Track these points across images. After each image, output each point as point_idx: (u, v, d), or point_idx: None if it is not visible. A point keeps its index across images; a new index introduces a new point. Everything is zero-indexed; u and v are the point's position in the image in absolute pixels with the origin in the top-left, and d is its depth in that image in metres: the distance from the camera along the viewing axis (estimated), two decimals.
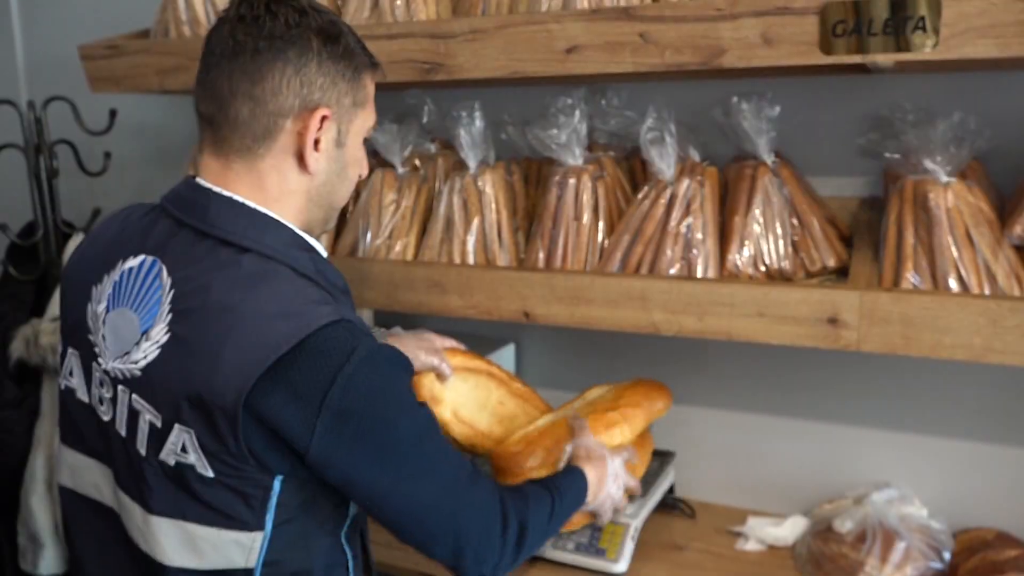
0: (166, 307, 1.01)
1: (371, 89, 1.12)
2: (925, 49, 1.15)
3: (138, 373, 1.02)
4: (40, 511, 1.97)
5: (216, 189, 1.06)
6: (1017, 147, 1.44)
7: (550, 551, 1.56)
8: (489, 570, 1.09)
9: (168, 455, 1.01)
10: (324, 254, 1.12)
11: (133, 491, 1.06)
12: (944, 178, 1.30)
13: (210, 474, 0.99)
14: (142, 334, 1.02)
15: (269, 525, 1.01)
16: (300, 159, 1.06)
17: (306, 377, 0.95)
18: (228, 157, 1.06)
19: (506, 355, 1.91)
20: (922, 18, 1.14)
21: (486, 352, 1.84)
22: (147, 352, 1.01)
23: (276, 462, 0.99)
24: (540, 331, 1.92)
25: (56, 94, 2.09)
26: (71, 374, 1.13)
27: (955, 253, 1.26)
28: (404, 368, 1.06)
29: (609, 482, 1.33)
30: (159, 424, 1.01)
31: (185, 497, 1.01)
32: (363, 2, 1.59)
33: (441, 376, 1.42)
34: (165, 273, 1.03)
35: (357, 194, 1.70)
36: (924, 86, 1.50)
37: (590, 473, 1.30)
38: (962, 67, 1.42)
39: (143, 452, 1.03)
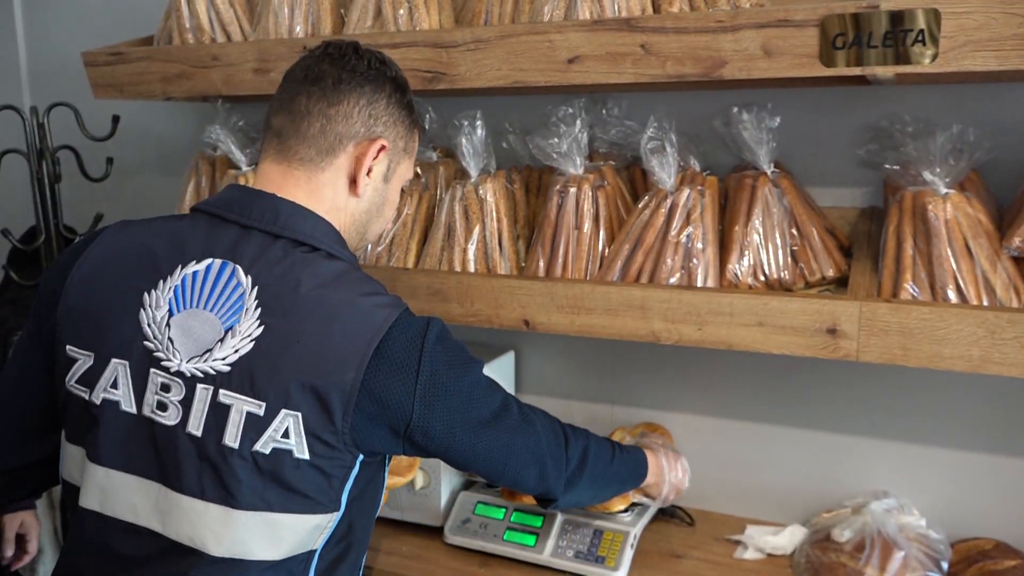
0: (252, 303, 1.07)
1: (416, 146, 1.28)
2: (924, 61, 1.16)
3: (225, 368, 1.06)
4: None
5: (280, 196, 1.15)
6: (1015, 159, 1.45)
7: (549, 558, 1.56)
8: (561, 486, 1.26)
9: (267, 443, 1.05)
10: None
11: (210, 492, 1.06)
12: (943, 189, 1.31)
13: (306, 456, 1.05)
14: (226, 331, 1.07)
15: (343, 503, 1.10)
16: (353, 181, 1.18)
17: (401, 352, 1.07)
18: (290, 165, 1.16)
19: (506, 363, 1.91)
20: (922, 31, 1.15)
21: (486, 360, 1.84)
22: (238, 347, 1.06)
23: (371, 438, 1.08)
24: (540, 339, 1.93)
25: (59, 100, 2.10)
26: (114, 386, 1.10)
27: (954, 264, 1.27)
28: (459, 344, 1.18)
29: (675, 468, 1.50)
30: (261, 412, 1.05)
31: (274, 486, 1.06)
32: (366, 11, 1.60)
33: None
34: (242, 273, 1.09)
35: None
36: (923, 98, 1.51)
37: (652, 460, 1.46)
38: (961, 79, 1.43)
39: (234, 445, 1.05)
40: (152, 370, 1.08)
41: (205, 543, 1.06)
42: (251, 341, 1.06)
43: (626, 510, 1.58)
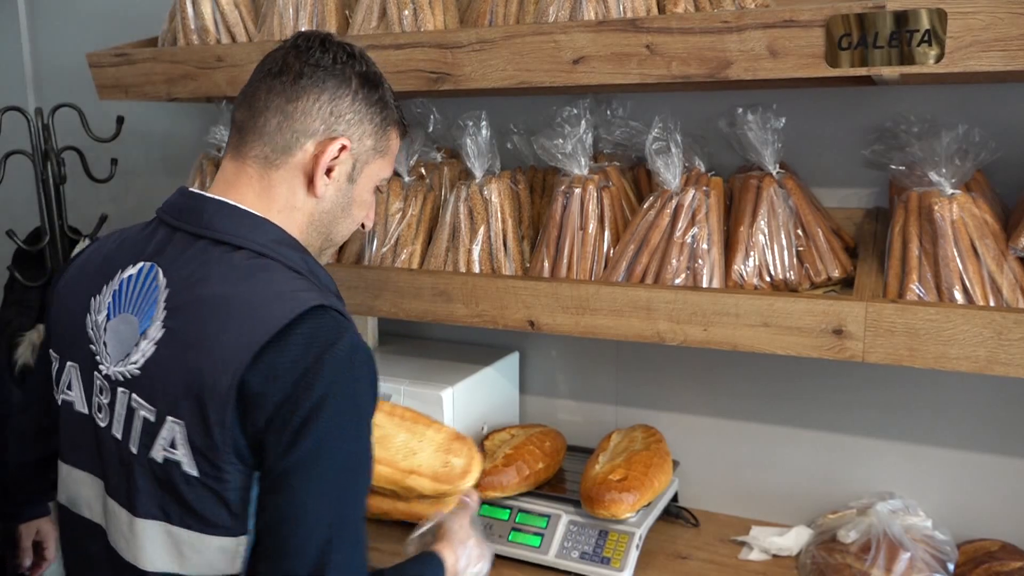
0: (161, 305, 1.05)
1: (394, 144, 1.20)
2: (930, 62, 1.16)
3: (137, 372, 1.05)
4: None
5: (209, 195, 1.11)
6: (1021, 159, 1.45)
7: (554, 559, 1.56)
8: None
9: (158, 451, 1.03)
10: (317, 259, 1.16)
11: (121, 496, 1.07)
12: (949, 190, 1.31)
13: (195, 473, 1.01)
14: (140, 335, 1.06)
15: (252, 528, 1.01)
16: (311, 180, 1.11)
17: (288, 360, 0.97)
18: (245, 161, 1.11)
19: (510, 363, 1.91)
20: (927, 31, 1.15)
21: (490, 360, 1.84)
22: (145, 351, 1.05)
23: (257, 452, 1.00)
24: (544, 340, 1.93)
25: (64, 101, 2.10)
26: (69, 387, 1.14)
27: (960, 265, 1.27)
28: (373, 375, 1.05)
29: (468, 557, 1.26)
30: (152, 419, 1.03)
31: (170, 499, 1.03)
32: (371, 12, 1.60)
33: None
34: (161, 275, 1.07)
35: None
36: (929, 98, 1.51)
37: (449, 556, 1.22)
38: (967, 79, 1.43)
39: (135, 450, 1.05)
40: (94, 373, 1.11)
41: (120, 548, 1.08)
42: (154, 344, 1.04)
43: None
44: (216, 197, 1.10)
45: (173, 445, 1.01)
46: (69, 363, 1.14)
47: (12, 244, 2.11)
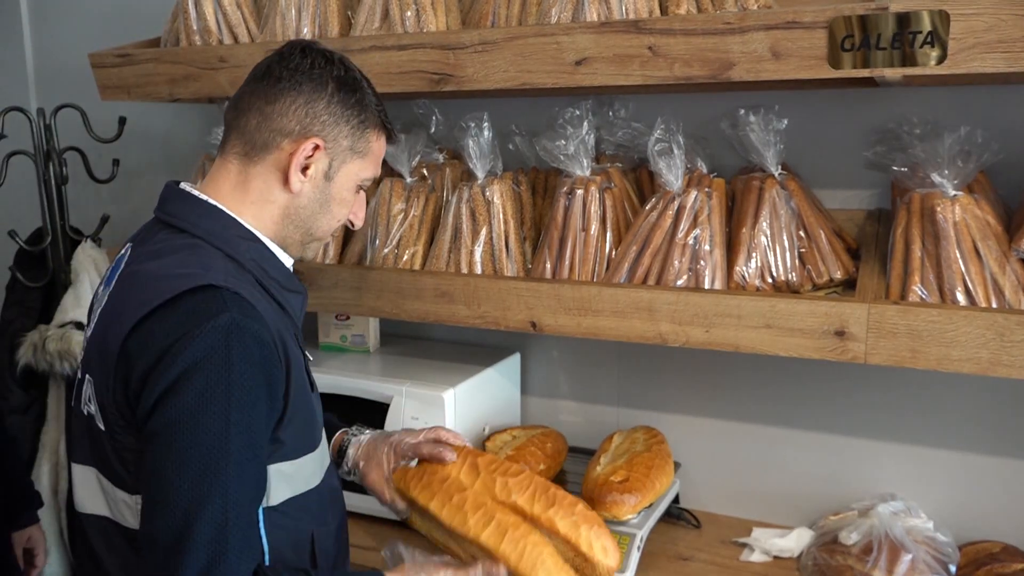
0: (115, 281, 1.15)
1: (375, 145, 1.24)
2: (932, 63, 1.16)
3: (91, 333, 1.16)
4: (45, 517, 1.98)
5: (180, 186, 1.19)
6: (1023, 161, 1.45)
7: None
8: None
9: (84, 405, 1.14)
10: (279, 257, 1.20)
11: (73, 451, 1.19)
12: (951, 191, 1.31)
13: (103, 427, 1.09)
14: (103, 302, 1.16)
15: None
16: (286, 177, 1.17)
17: (163, 329, 1.03)
18: (227, 157, 1.19)
19: (512, 365, 1.91)
20: (930, 33, 1.15)
21: (492, 362, 1.84)
22: (96, 316, 1.16)
23: (136, 414, 1.05)
24: (546, 341, 1.93)
25: (66, 102, 2.10)
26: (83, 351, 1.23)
27: (962, 266, 1.27)
28: (255, 358, 1.03)
29: None
30: (81, 376, 1.16)
31: (95, 450, 1.13)
32: (373, 13, 1.60)
33: (443, 461, 1.34)
34: (128, 255, 1.18)
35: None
36: (931, 100, 1.51)
37: None
38: (969, 81, 1.43)
39: (73, 403, 1.18)
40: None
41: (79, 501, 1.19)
42: (98, 314, 1.15)
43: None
44: (184, 187, 1.19)
45: (89, 400, 1.12)
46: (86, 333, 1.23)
47: (14, 244, 2.11)
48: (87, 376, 1.13)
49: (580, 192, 1.51)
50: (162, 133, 2.31)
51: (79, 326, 2.05)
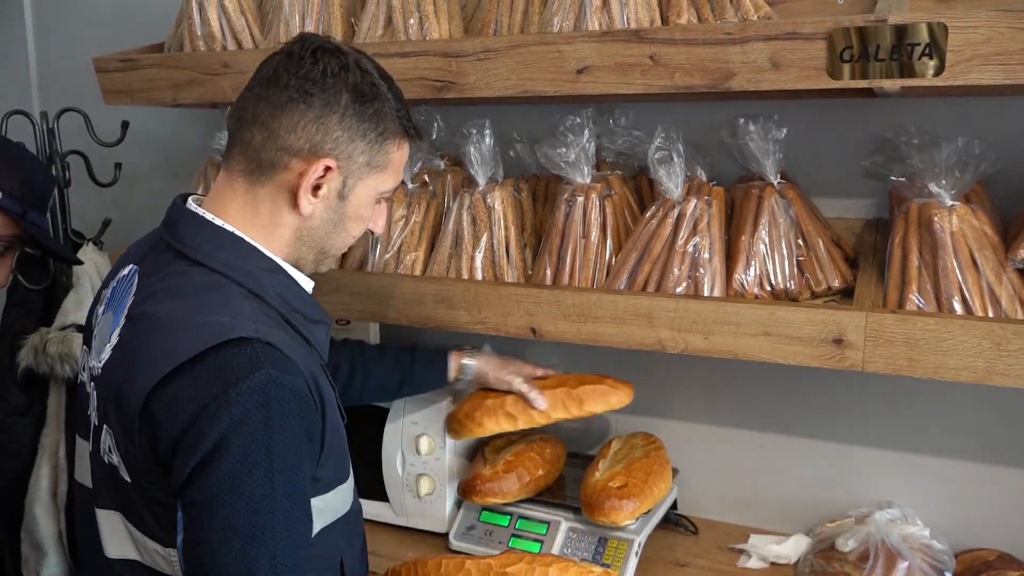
0: (124, 312, 1.07)
1: (396, 156, 1.14)
2: (930, 74, 1.17)
3: (100, 371, 1.08)
4: (44, 519, 1.98)
5: (190, 207, 1.11)
6: (1020, 171, 1.46)
7: None
8: None
9: (104, 454, 1.06)
10: (301, 282, 1.14)
11: (89, 481, 1.14)
12: (949, 201, 1.32)
13: (128, 479, 1.03)
14: (110, 335, 1.08)
15: (180, 542, 0.99)
16: (295, 198, 1.08)
17: (193, 390, 0.95)
18: (232, 174, 1.10)
19: None
20: (928, 45, 1.16)
21: None
22: (107, 353, 1.07)
23: (171, 475, 0.98)
24: (546, 347, 1.93)
25: (68, 106, 2.11)
26: (83, 369, 1.18)
27: (959, 276, 1.28)
28: (295, 416, 0.98)
29: None
30: (97, 423, 1.07)
31: (120, 497, 1.06)
32: (377, 20, 1.61)
33: (531, 404, 1.55)
34: (136, 281, 1.09)
35: None
36: (929, 110, 1.52)
37: None
38: (967, 92, 1.44)
39: (91, 448, 1.09)
40: (89, 359, 1.15)
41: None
42: (111, 349, 1.06)
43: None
44: (194, 209, 1.10)
45: (110, 450, 1.03)
46: (84, 347, 1.19)
47: None
48: (104, 425, 1.05)
49: (580, 199, 1.52)
50: (165, 137, 2.32)
51: (80, 329, 2.06)
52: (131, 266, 1.12)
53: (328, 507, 1.11)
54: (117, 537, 1.08)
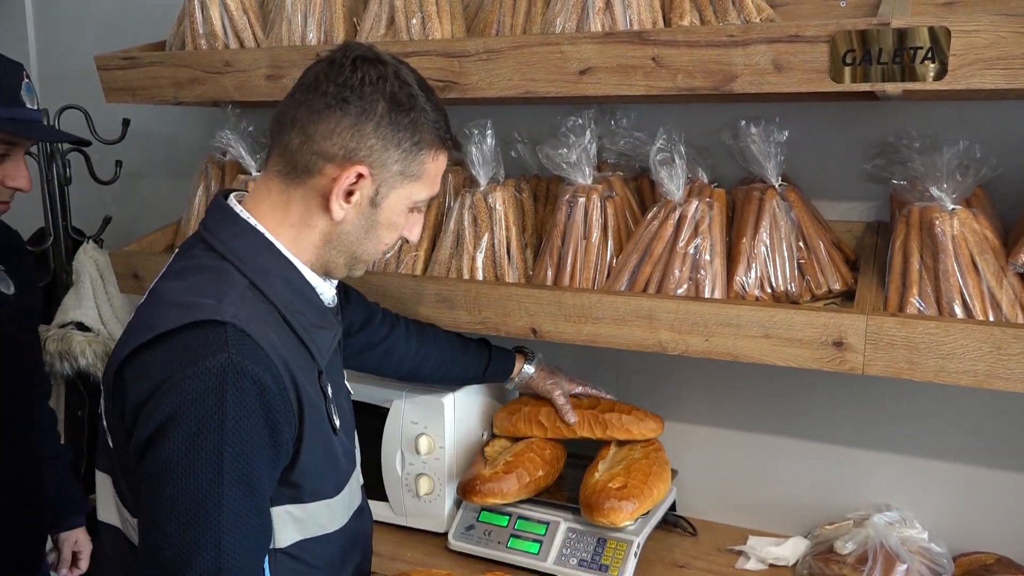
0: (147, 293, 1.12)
1: (431, 166, 1.15)
2: (932, 78, 1.17)
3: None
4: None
5: (228, 201, 1.14)
6: (1021, 175, 1.46)
7: (552, 565, 1.56)
8: None
9: (101, 417, 1.11)
10: (317, 287, 1.14)
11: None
12: (950, 205, 1.32)
13: (111, 444, 1.08)
14: None
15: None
16: (327, 202, 1.10)
17: (158, 363, 0.98)
18: (269, 175, 1.13)
19: None
20: (930, 49, 1.16)
21: None
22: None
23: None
24: (546, 348, 1.93)
25: (69, 103, 2.11)
26: None
27: (960, 280, 1.28)
28: (255, 405, 0.98)
29: None
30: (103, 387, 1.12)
31: (110, 460, 1.11)
32: (379, 20, 1.61)
33: (563, 416, 1.66)
34: (169, 262, 1.15)
35: None
36: (931, 114, 1.52)
37: None
38: (968, 96, 1.44)
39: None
40: None
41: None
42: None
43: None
44: (230, 202, 1.14)
45: (103, 414, 1.10)
46: None
47: None
48: (102, 389, 1.10)
49: (582, 200, 1.52)
50: (165, 135, 2.32)
51: (80, 327, 2.06)
52: (177, 250, 1.17)
53: (310, 518, 1.11)
54: (105, 501, 1.13)
